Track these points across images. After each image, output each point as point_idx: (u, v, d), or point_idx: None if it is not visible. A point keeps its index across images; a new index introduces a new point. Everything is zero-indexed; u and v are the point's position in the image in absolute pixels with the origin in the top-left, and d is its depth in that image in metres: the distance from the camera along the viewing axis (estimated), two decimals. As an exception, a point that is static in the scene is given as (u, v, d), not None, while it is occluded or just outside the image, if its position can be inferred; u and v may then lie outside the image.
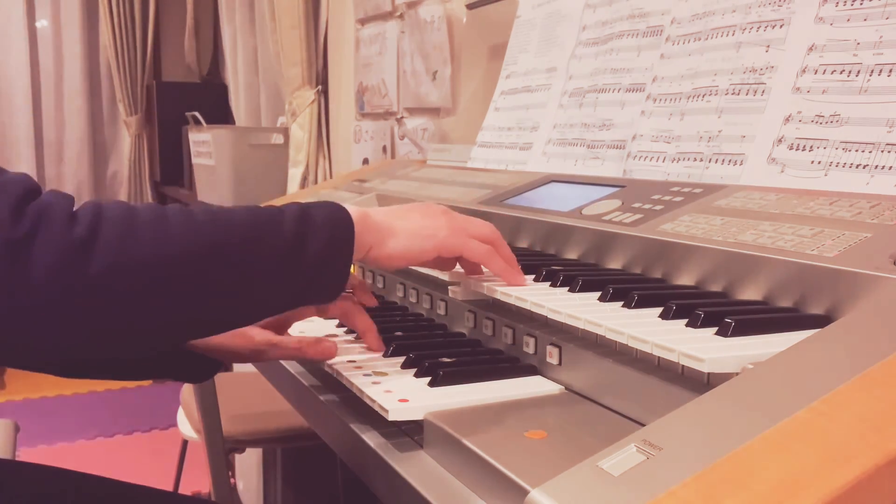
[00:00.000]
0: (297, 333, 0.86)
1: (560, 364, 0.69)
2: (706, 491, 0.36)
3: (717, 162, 0.87)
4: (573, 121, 1.14)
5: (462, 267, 0.78)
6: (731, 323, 0.55)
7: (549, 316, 0.66)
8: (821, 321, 0.55)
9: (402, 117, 2.15)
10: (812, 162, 0.76)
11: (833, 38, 0.79)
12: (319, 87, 2.69)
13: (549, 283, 0.74)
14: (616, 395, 0.62)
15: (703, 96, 0.92)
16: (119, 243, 0.55)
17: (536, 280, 0.76)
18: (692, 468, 0.38)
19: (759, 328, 0.56)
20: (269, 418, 1.74)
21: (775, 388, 0.44)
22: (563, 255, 0.88)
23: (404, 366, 0.73)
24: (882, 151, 0.71)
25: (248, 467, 2.14)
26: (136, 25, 4.19)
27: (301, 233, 0.64)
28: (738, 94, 0.87)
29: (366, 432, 0.67)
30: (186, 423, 1.98)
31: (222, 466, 1.63)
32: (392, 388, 0.67)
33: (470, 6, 1.73)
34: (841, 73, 0.77)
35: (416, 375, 0.70)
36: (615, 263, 0.80)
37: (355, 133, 2.45)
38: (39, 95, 4.17)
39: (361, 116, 2.43)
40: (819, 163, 0.75)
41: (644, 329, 0.56)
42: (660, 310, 0.61)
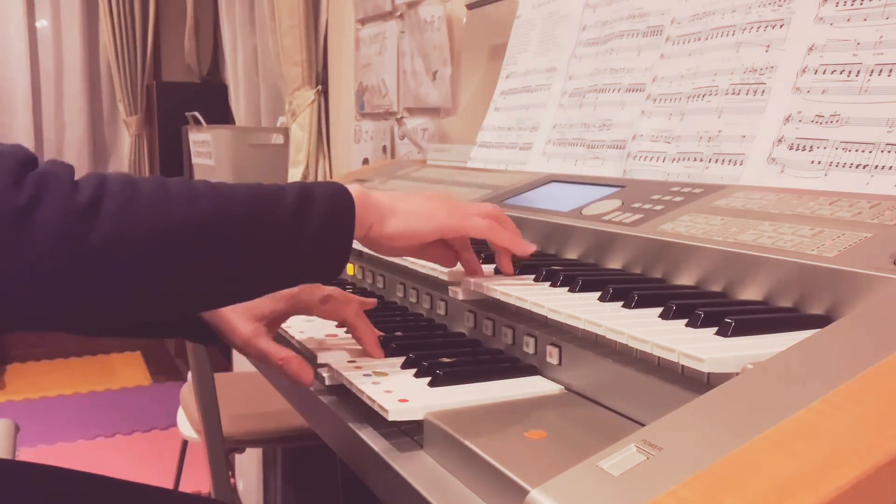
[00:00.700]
0: (298, 334, 0.86)
1: (560, 364, 0.69)
2: (706, 491, 0.36)
3: (717, 162, 0.87)
4: (573, 121, 1.14)
5: (462, 265, 0.78)
6: (731, 323, 0.55)
7: (549, 316, 0.66)
8: (821, 321, 0.55)
9: (402, 117, 2.15)
10: (812, 162, 0.76)
11: (833, 38, 0.79)
12: (319, 87, 2.69)
13: (549, 283, 0.74)
14: (616, 395, 0.62)
15: (703, 96, 0.92)
16: (121, 212, 0.56)
17: (536, 280, 0.76)
18: (692, 468, 0.38)
19: (759, 328, 0.56)
20: (269, 418, 1.74)
21: (775, 388, 0.44)
22: (563, 255, 0.88)
23: (404, 366, 0.73)
24: (882, 151, 0.71)
25: (248, 467, 2.14)
26: (136, 25, 4.19)
27: (302, 208, 0.64)
28: (738, 94, 0.87)
29: (366, 432, 0.67)
30: (186, 423, 1.98)
31: (222, 466, 1.63)
32: (392, 388, 0.67)
33: (470, 6, 1.73)
34: (841, 73, 0.77)
35: (416, 375, 0.70)
36: (615, 263, 0.80)
37: (355, 133, 2.45)
38: (39, 95, 4.18)
39: (361, 116, 2.43)
40: (819, 163, 0.75)
41: (644, 329, 0.57)
42: (660, 310, 0.61)
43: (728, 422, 0.42)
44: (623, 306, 0.65)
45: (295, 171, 2.70)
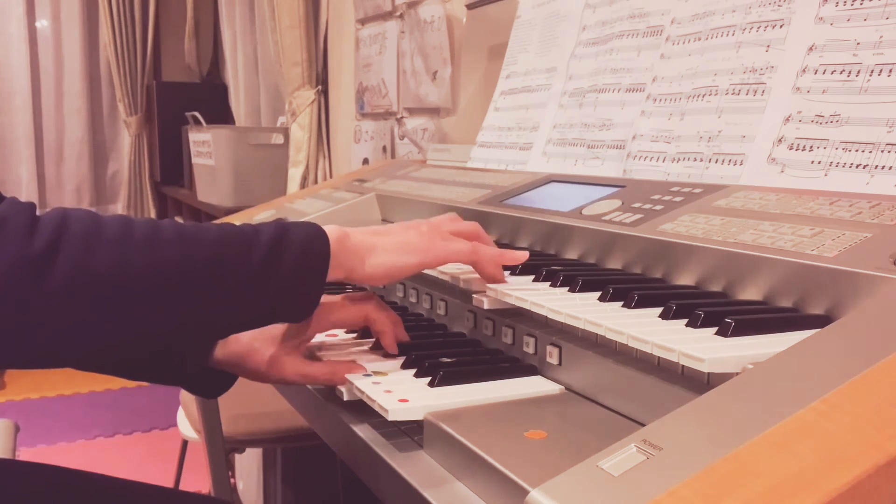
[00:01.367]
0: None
1: (560, 364, 0.69)
2: (706, 491, 0.36)
3: (717, 162, 0.87)
4: (573, 121, 1.14)
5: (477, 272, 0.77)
6: (731, 323, 0.55)
7: (549, 316, 0.66)
8: (821, 321, 0.55)
9: (402, 117, 2.15)
10: (812, 162, 0.76)
11: (833, 38, 0.79)
12: (319, 87, 2.69)
13: (549, 283, 0.74)
14: (616, 395, 0.62)
15: (703, 96, 0.92)
16: (80, 258, 0.55)
17: (536, 280, 0.76)
18: (692, 468, 0.38)
19: (759, 328, 0.56)
20: (269, 418, 1.74)
21: (775, 388, 0.44)
22: (563, 255, 0.88)
23: (404, 366, 0.73)
24: (882, 151, 0.71)
25: (248, 467, 2.14)
26: (136, 25, 4.19)
27: (273, 252, 0.63)
28: (738, 94, 0.87)
29: (366, 432, 0.67)
30: (186, 423, 1.98)
31: (222, 466, 1.63)
32: (392, 388, 0.67)
33: (470, 6, 1.73)
34: (841, 73, 0.77)
35: (416, 375, 0.70)
36: (615, 263, 0.80)
37: (355, 133, 2.45)
38: (39, 95, 4.17)
39: (361, 116, 2.43)
40: (819, 163, 0.75)
41: (644, 329, 0.56)
42: (660, 310, 0.61)
43: (728, 422, 0.42)
44: (623, 306, 0.65)
45: (295, 171, 2.70)
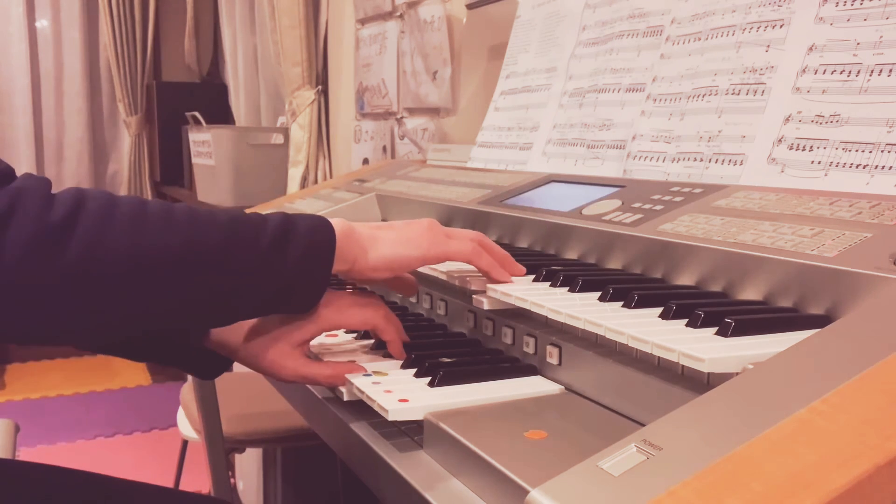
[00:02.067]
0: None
1: (560, 364, 0.69)
2: (706, 491, 0.36)
3: (717, 162, 0.87)
4: (573, 121, 1.14)
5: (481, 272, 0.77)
6: (731, 323, 0.55)
7: (549, 316, 0.66)
8: (821, 321, 0.55)
9: (402, 117, 2.15)
10: (812, 162, 0.76)
11: (833, 38, 0.79)
12: (319, 87, 2.69)
13: (549, 283, 0.74)
14: (616, 395, 0.62)
15: (703, 96, 0.92)
16: (96, 234, 0.55)
17: (536, 280, 0.76)
18: (692, 468, 0.38)
19: (759, 328, 0.55)
20: (269, 418, 1.74)
21: (775, 388, 0.44)
22: (563, 255, 0.88)
23: (404, 366, 0.73)
24: (882, 151, 0.71)
25: (248, 467, 2.14)
26: (136, 25, 4.19)
27: (281, 240, 0.64)
28: (738, 94, 0.87)
29: (366, 432, 0.67)
30: (186, 423, 1.98)
31: (222, 466, 1.63)
32: (392, 388, 0.67)
33: (470, 6, 1.73)
34: (841, 73, 0.77)
35: (416, 375, 0.70)
36: (615, 263, 0.80)
37: (355, 133, 2.45)
38: (39, 95, 4.17)
39: (361, 116, 2.43)
40: (819, 163, 0.75)
41: (644, 329, 0.56)
42: (660, 310, 0.61)
43: (728, 422, 0.42)
44: (623, 306, 0.65)
45: (295, 171, 2.70)
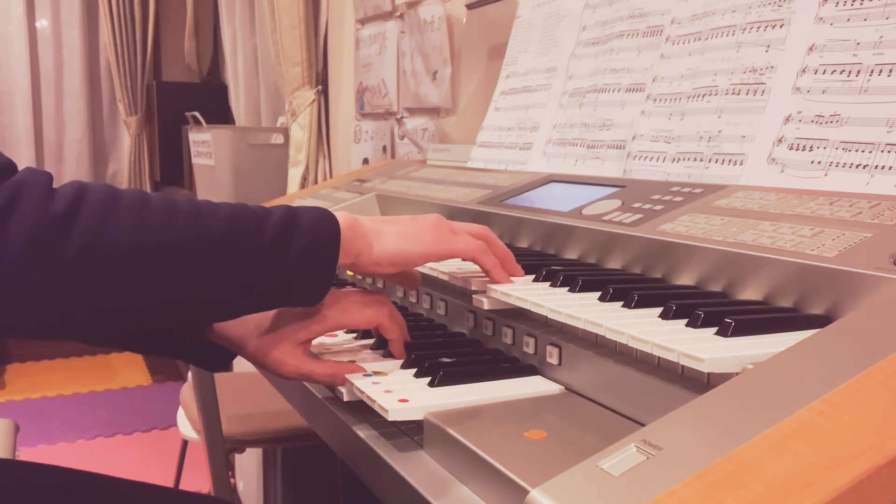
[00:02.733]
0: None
1: (560, 364, 0.69)
2: (706, 491, 0.36)
3: (717, 162, 0.87)
4: (573, 121, 1.14)
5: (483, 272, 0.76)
6: (731, 323, 0.55)
7: (549, 316, 0.66)
8: (821, 321, 0.55)
9: (402, 117, 2.15)
10: (812, 162, 0.76)
11: (833, 38, 0.79)
12: (319, 87, 2.69)
13: (549, 283, 0.74)
14: (616, 395, 0.62)
15: (703, 96, 0.92)
16: (97, 227, 0.55)
17: (536, 280, 0.76)
18: (692, 468, 0.38)
19: (759, 328, 0.55)
20: (269, 418, 1.74)
21: (775, 388, 0.44)
22: (563, 255, 0.88)
23: (404, 366, 0.73)
24: (882, 151, 0.71)
25: (248, 467, 2.14)
26: (136, 25, 4.19)
27: (285, 233, 0.63)
28: (738, 94, 0.87)
29: (366, 432, 0.67)
30: (186, 423, 1.98)
31: (222, 466, 1.63)
32: (392, 388, 0.67)
33: (470, 6, 1.73)
34: (841, 73, 0.77)
35: (416, 375, 0.70)
36: (615, 263, 0.80)
37: (355, 133, 2.45)
38: (39, 95, 4.18)
39: (361, 116, 2.43)
40: (819, 163, 0.75)
41: (644, 329, 0.56)
42: (660, 310, 0.61)
43: (728, 422, 0.42)
44: (623, 306, 0.65)
45: (295, 171, 2.70)
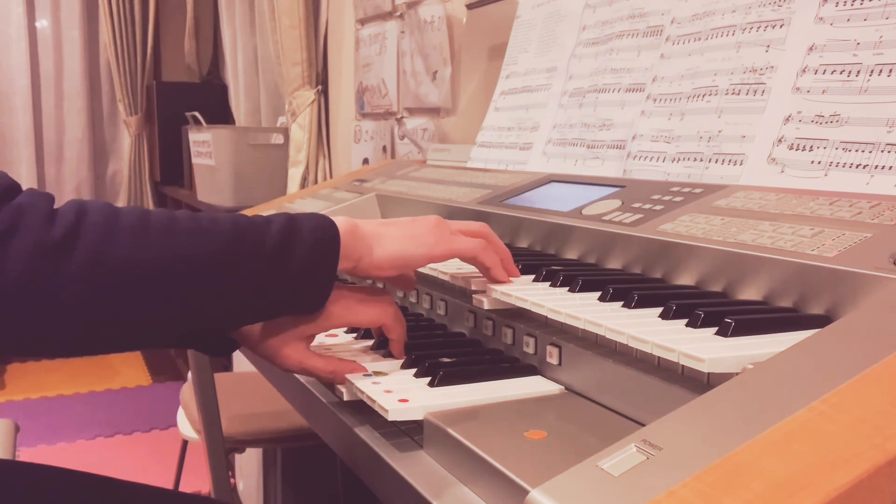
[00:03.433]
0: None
1: (560, 364, 0.69)
2: (706, 491, 0.36)
3: (717, 162, 0.87)
4: (573, 121, 1.14)
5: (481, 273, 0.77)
6: (731, 323, 0.55)
7: (549, 316, 0.66)
8: (821, 321, 0.55)
9: (402, 117, 2.15)
10: (812, 162, 0.76)
11: (833, 38, 0.79)
12: (319, 87, 2.69)
13: (549, 283, 0.74)
14: (616, 395, 0.62)
15: (703, 96, 0.92)
16: (98, 248, 0.56)
17: (536, 280, 0.76)
18: (692, 468, 0.38)
19: (759, 328, 0.55)
20: (269, 418, 1.74)
21: (775, 388, 0.44)
22: (563, 255, 0.88)
23: (404, 366, 0.73)
24: (882, 151, 0.71)
25: (248, 467, 2.14)
26: (136, 25, 4.19)
27: (285, 242, 0.63)
28: (738, 94, 0.87)
29: (366, 432, 0.67)
30: (186, 423, 1.98)
31: (222, 466, 1.63)
32: (392, 388, 0.67)
33: (470, 6, 1.73)
34: (841, 73, 0.77)
35: (416, 375, 0.70)
36: (615, 263, 0.80)
37: (355, 133, 2.45)
38: (39, 95, 4.18)
39: (361, 116, 2.43)
40: (819, 163, 0.75)
41: (644, 329, 0.56)
42: (660, 310, 0.61)
43: (728, 422, 0.42)
44: (623, 306, 0.65)
45: (295, 171, 2.70)
